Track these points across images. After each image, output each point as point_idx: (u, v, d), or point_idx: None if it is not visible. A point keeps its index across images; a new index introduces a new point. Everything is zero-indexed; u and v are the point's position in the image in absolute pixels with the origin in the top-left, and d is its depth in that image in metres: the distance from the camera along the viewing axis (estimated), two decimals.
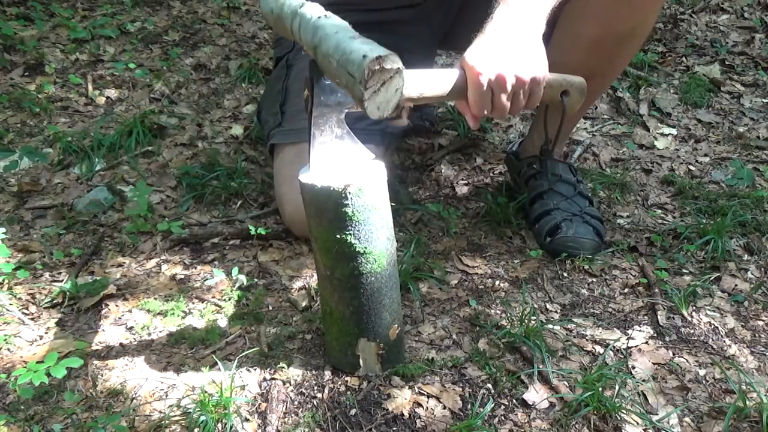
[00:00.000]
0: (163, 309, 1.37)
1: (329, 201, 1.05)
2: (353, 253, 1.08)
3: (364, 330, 1.16)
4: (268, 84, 1.82)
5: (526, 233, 1.69)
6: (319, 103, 1.07)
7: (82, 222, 1.64)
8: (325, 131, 1.08)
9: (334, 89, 1.07)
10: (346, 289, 1.12)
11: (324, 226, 1.08)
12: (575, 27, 1.50)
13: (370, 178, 1.06)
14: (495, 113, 1.17)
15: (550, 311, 1.43)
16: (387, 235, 1.11)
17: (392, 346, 1.20)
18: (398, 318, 1.20)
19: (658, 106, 2.40)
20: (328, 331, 1.22)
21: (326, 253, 1.11)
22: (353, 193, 1.04)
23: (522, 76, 1.14)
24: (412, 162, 2.01)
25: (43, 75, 2.27)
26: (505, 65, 1.13)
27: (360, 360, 1.19)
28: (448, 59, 2.62)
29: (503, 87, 1.14)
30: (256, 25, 2.76)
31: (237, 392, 1.16)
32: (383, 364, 1.21)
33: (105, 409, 1.13)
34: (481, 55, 1.14)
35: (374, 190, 1.06)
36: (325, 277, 1.14)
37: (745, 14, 3.06)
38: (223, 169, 1.81)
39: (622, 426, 1.14)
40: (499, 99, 1.15)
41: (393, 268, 1.15)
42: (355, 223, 1.06)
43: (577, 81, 1.28)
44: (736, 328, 1.41)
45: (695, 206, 1.82)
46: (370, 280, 1.11)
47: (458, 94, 1.16)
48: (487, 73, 1.12)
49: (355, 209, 1.05)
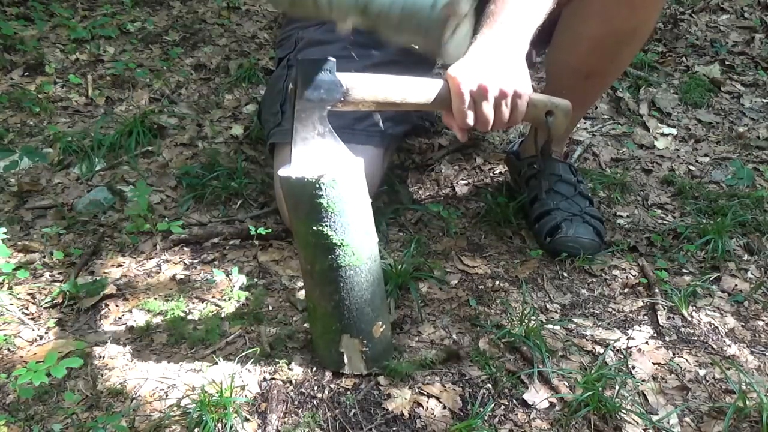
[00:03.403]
0: (163, 309, 1.37)
1: (304, 192, 1.07)
2: (330, 245, 1.10)
3: (347, 326, 1.17)
4: (269, 84, 1.83)
5: (526, 233, 1.69)
6: (302, 98, 1.10)
7: (82, 222, 1.64)
8: (308, 126, 1.11)
9: (317, 85, 1.10)
10: (325, 282, 1.14)
11: (301, 218, 1.10)
12: (577, 26, 1.51)
13: (344, 170, 1.08)
14: (479, 125, 1.20)
15: (550, 311, 1.43)
16: (365, 228, 1.13)
17: (377, 344, 1.20)
18: (382, 315, 1.21)
19: (658, 106, 2.40)
20: (312, 327, 1.24)
21: (305, 247, 1.13)
22: (327, 183, 1.05)
23: (504, 87, 1.18)
24: (412, 162, 2.01)
25: (43, 75, 2.26)
26: (488, 76, 1.17)
27: (344, 357, 1.20)
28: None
29: (485, 96, 1.17)
30: (256, 25, 2.76)
31: (237, 392, 1.16)
32: (368, 363, 1.21)
33: (105, 409, 1.13)
34: (465, 67, 1.18)
35: (349, 182, 1.08)
36: (307, 272, 1.16)
37: (745, 14, 3.06)
38: (223, 169, 1.81)
39: (622, 426, 1.14)
40: (481, 109, 1.18)
41: (374, 262, 1.16)
42: (330, 214, 1.08)
43: (562, 103, 1.29)
44: (736, 328, 1.41)
45: (695, 206, 1.82)
46: (349, 274, 1.13)
47: (442, 103, 1.20)
48: (469, 84, 1.15)
49: (329, 200, 1.07)
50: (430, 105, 1.20)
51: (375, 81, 1.15)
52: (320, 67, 1.10)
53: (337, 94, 1.11)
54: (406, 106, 1.19)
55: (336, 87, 1.11)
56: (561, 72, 1.62)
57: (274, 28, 2.76)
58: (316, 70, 1.10)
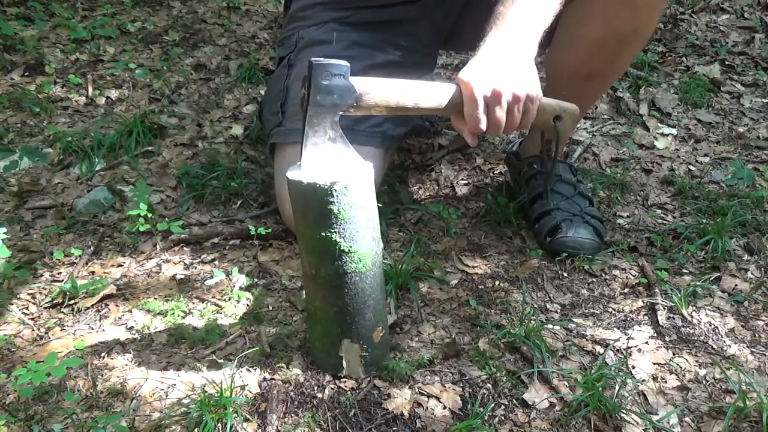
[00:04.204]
0: (163, 309, 1.37)
1: (315, 198, 1.05)
2: (338, 252, 1.08)
3: (348, 331, 1.16)
4: (270, 83, 1.83)
5: (526, 233, 1.69)
6: (315, 103, 1.08)
7: (82, 222, 1.64)
8: (319, 132, 1.09)
9: (330, 90, 1.08)
10: (330, 288, 1.12)
11: (309, 223, 1.08)
12: (578, 27, 1.50)
13: (356, 176, 1.06)
14: (490, 129, 1.19)
15: (550, 311, 1.43)
16: (373, 235, 1.11)
17: (376, 349, 1.20)
18: (383, 320, 1.20)
19: (658, 106, 2.40)
20: (311, 331, 1.23)
21: (311, 251, 1.11)
22: (339, 190, 1.04)
23: (517, 91, 1.17)
24: (412, 162, 2.01)
25: (43, 75, 2.27)
26: (501, 80, 1.16)
27: (343, 361, 1.19)
28: (448, 59, 2.62)
29: (498, 101, 1.16)
30: (256, 25, 2.76)
31: (237, 392, 1.15)
32: (366, 367, 1.20)
33: (105, 409, 1.13)
34: (477, 71, 1.17)
35: (361, 189, 1.07)
36: (310, 276, 1.14)
37: (745, 14, 3.07)
38: (223, 169, 1.81)
39: (622, 426, 1.14)
40: (494, 114, 1.17)
41: (378, 269, 1.15)
42: (340, 221, 1.06)
43: (570, 107, 1.29)
44: (736, 328, 1.41)
45: (695, 206, 1.82)
46: (354, 280, 1.12)
47: (454, 108, 1.19)
48: (483, 88, 1.15)
49: (340, 207, 1.05)
50: (442, 110, 1.19)
51: (387, 86, 1.14)
52: (334, 71, 1.07)
53: (350, 99, 1.09)
54: (417, 111, 1.18)
55: (349, 92, 1.09)
56: (561, 73, 1.62)
57: (274, 28, 2.76)
58: (330, 75, 1.07)
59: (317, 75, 1.07)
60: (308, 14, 1.70)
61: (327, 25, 1.66)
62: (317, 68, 1.07)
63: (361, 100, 1.11)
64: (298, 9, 1.74)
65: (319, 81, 1.06)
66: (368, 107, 1.13)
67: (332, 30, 1.65)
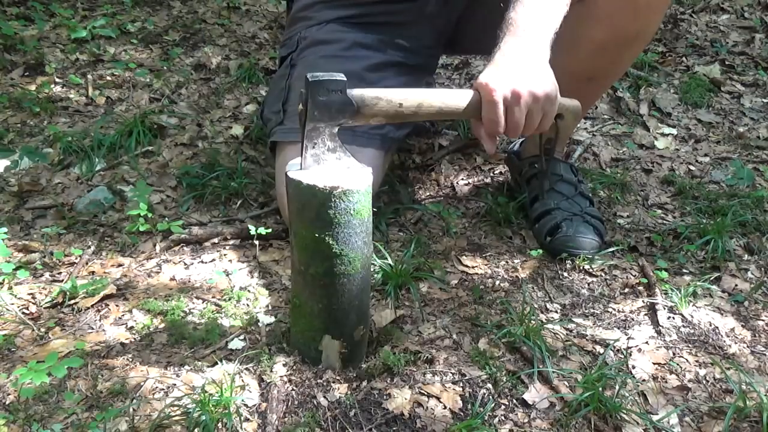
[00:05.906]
0: (163, 309, 1.37)
1: (313, 200, 1.06)
2: (330, 254, 1.10)
3: (330, 328, 1.18)
4: (272, 83, 1.83)
5: (526, 233, 1.69)
6: (313, 119, 1.08)
7: (82, 222, 1.64)
8: (318, 144, 1.10)
9: (328, 106, 1.08)
10: (318, 286, 1.14)
11: (304, 223, 1.10)
12: (579, 29, 1.50)
13: (355, 184, 1.07)
14: (509, 131, 1.20)
15: (550, 311, 1.43)
16: (365, 239, 1.13)
17: (355, 346, 1.22)
18: (364, 320, 1.22)
19: (658, 106, 2.40)
20: (294, 323, 1.24)
21: (303, 250, 1.13)
22: (337, 195, 1.05)
23: (536, 92, 1.18)
24: (412, 162, 2.01)
25: (43, 75, 2.27)
26: (519, 82, 1.17)
27: (322, 355, 1.21)
28: (448, 59, 2.62)
29: (518, 101, 1.17)
30: (256, 25, 2.76)
31: (237, 392, 1.16)
32: (344, 362, 1.22)
33: (105, 409, 1.13)
34: (495, 74, 1.18)
35: (358, 196, 1.08)
36: (299, 272, 1.16)
37: (745, 14, 3.07)
38: (223, 169, 1.81)
39: (622, 426, 1.14)
40: (513, 115, 1.18)
41: (366, 271, 1.17)
42: (335, 225, 1.08)
43: (572, 105, 1.30)
44: (736, 328, 1.41)
45: (695, 206, 1.82)
46: (342, 281, 1.13)
47: (473, 111, 1.20)
48: (502, 89, 1.16)
49: (337, 212, 1.07)
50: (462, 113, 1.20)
51: (386, 95, 1.14)
52: (331, 87, 1.07)
53: (348, 113, 1.10)
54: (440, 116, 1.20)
55: (347, 106, 1.10)
56: (561, 75, 1.61)
57: (274, 28, 2.76)
58: (327, 91, 1.07)
59: (314, 92, 1.07)
60: (310, 14, 1.70)
61: (329, 24, 1.66)
62: (314, 85, 1.06)
63: (359, 113, 1.12)
64: (299, 9, 1.74)
65: (316, 98, 1.07)
66: (367, 118, 1.14)
67: (334, 30, 1.65)
